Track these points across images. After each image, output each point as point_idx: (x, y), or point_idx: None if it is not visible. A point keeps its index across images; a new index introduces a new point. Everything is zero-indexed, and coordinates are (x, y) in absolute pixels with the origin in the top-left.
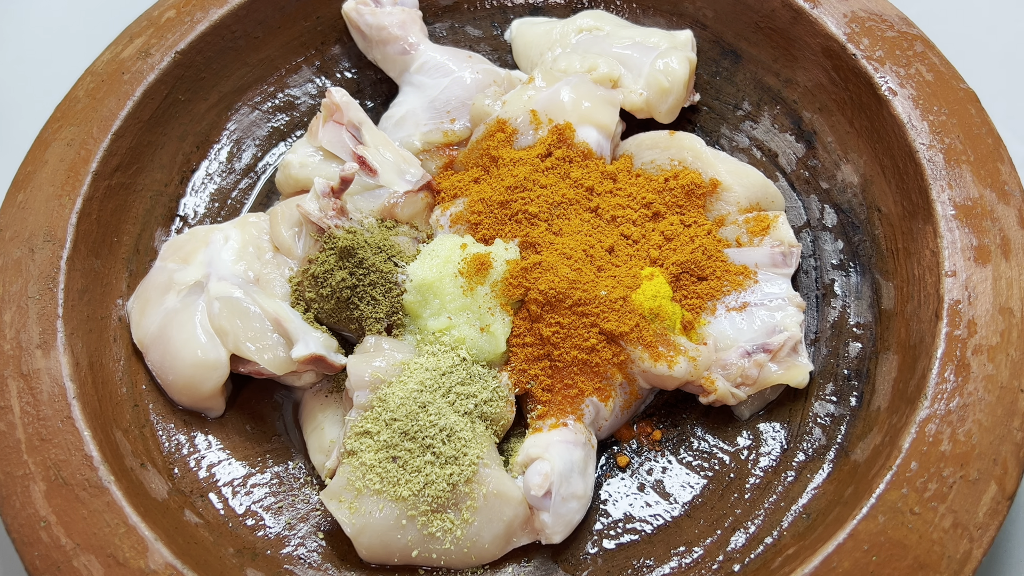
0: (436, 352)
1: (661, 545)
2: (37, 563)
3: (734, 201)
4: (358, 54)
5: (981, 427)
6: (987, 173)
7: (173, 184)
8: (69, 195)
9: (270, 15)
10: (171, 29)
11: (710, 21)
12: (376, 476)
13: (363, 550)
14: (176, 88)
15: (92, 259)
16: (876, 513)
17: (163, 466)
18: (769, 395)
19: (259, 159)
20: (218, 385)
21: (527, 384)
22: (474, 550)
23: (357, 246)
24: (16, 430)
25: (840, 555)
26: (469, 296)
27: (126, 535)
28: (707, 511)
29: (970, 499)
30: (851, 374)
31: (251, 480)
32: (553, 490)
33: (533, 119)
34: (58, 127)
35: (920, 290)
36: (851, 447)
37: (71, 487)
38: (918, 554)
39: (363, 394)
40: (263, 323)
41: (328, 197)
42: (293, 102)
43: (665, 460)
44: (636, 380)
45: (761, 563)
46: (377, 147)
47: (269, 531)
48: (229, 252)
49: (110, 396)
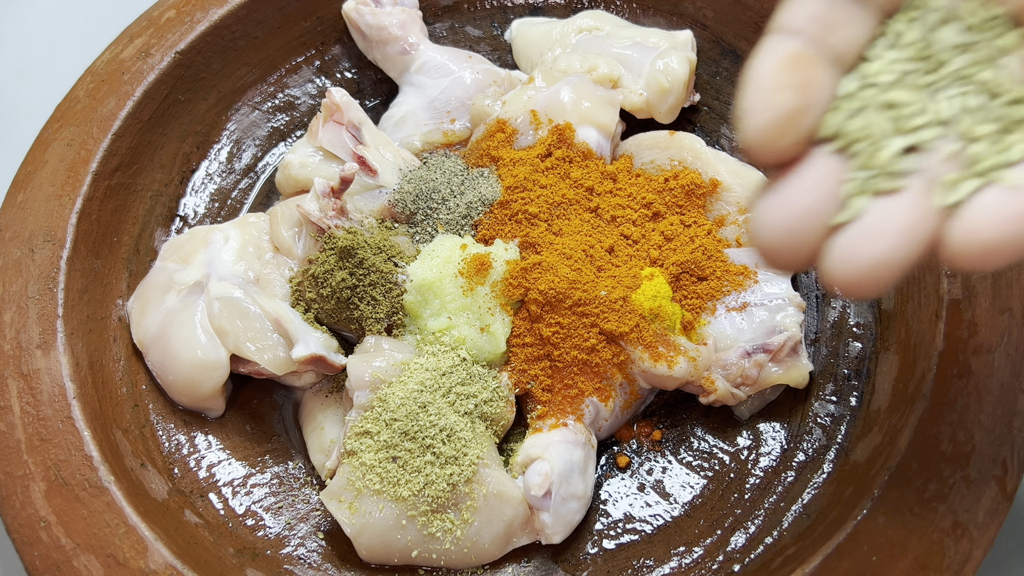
0: (436, 352)
1: (661, 545)
2: (37, 563)
3: (734, 201)
4: (358, 54)
5: (981, 427)
6: None
7: (173, 184)
8: (69, 195)
9: (270, 15)
10: (171, 29)
11: (710, 21)
12: (376, 476)
13: (363, 550)
14: (176, 88)
15: (92, 259)
16: (876, 513)
17: (163, 466)
18: (769, 395)
19: (259, 159)
20: (218, 385)
21: (527, 384)
22: (474, 550)
23: (357, 246)
24: (16, 430)
25: (840, 555)
26: (469, 296)
27: (126, 535)
28: (707, 511)
29: (970, 499)
30: (851, 374)
31: (251, 480)
32: (553, 490)
33: (533, 119)
34: (58, 127)
35: (920, 290)
36: (851, 447)
37: (71, 487)
38: (918, 554)
39: (363, 394)
40: (263, 323)
41: (328, 197)
42: (293, 102)
43: (665, 460)
44: (636, 380)
45: (761, 563)
46: (377, 147)
47: (269, 531)
48: (229, 252)
49: (110, 396)
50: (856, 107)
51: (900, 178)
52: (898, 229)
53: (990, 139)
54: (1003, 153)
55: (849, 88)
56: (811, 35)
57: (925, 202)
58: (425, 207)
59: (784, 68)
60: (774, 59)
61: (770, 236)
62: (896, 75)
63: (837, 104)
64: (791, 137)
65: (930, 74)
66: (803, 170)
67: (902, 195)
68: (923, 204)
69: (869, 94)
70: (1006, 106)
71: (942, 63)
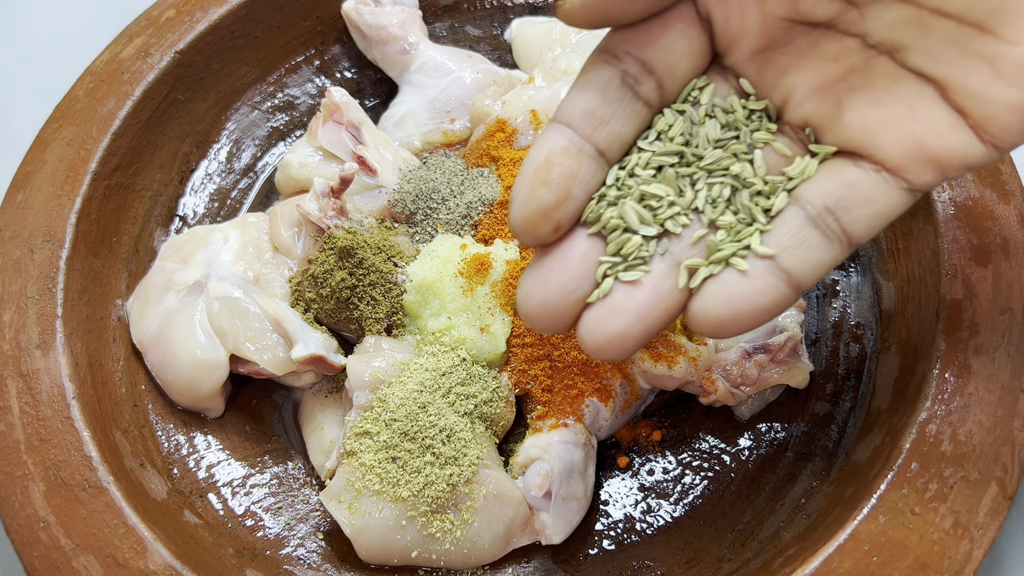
0: (436, 352)
1: (661, 546)
2: (36, 564)
3: None
4: (358, 54)
5: (982, 427)
6: (988, 173)
7: (172, 184)
8: (68, 195)
9: (270, 15)
10: (170, 29)
11: None
12: (376, 477)
13: (363, 551)
14: (175, 88)
15: (91, 259)
16: (877, 514)
17: (162, 466)
18: (769, 395)
19: (258, 159)
20: (218, 385)
21: (527, 384)
22: (474, 551)
23: (357, 246)
24: (15, 430)
25: (841, 556)
26: (469, 296)
27: (125, 536)
28: (707, 512)
29: (971, 499)
30: (851, 374)
31: (250, 481)
32: (553, 491)
33: (533, 119)
34: (57, 127)
35: (921, 290)
36: (851, 447)
37: (70, 487)
38: (919, 555)
39: (363, 394)
40: (263, 323)
41: (328, 197)
42: (293, 102)
43: (665, 461)
44: (636, 380)
45: (761, 563)
46: (377, 147)
47: (268, 532)
48: (228, 252)
49: (109, 396)
50: (615, 196)
51: (646, 263)
52: (637, 309)
53: (731, 228)
54: (739, 242)
55: (614, 178)
56: (582, 130)
57: (667, 284)
58: (425, 207)
59: (550, 163)
60: (544, 153)
61: (529, 308)
62: (654, 168)
63: (603, 191)
64: (550, 227)
65: (688, 166)
66: (562, 251)
67: (646, 278)
68: (664, 286)
69: (629, 183)
70: (750, 198)
71: (699, 156)
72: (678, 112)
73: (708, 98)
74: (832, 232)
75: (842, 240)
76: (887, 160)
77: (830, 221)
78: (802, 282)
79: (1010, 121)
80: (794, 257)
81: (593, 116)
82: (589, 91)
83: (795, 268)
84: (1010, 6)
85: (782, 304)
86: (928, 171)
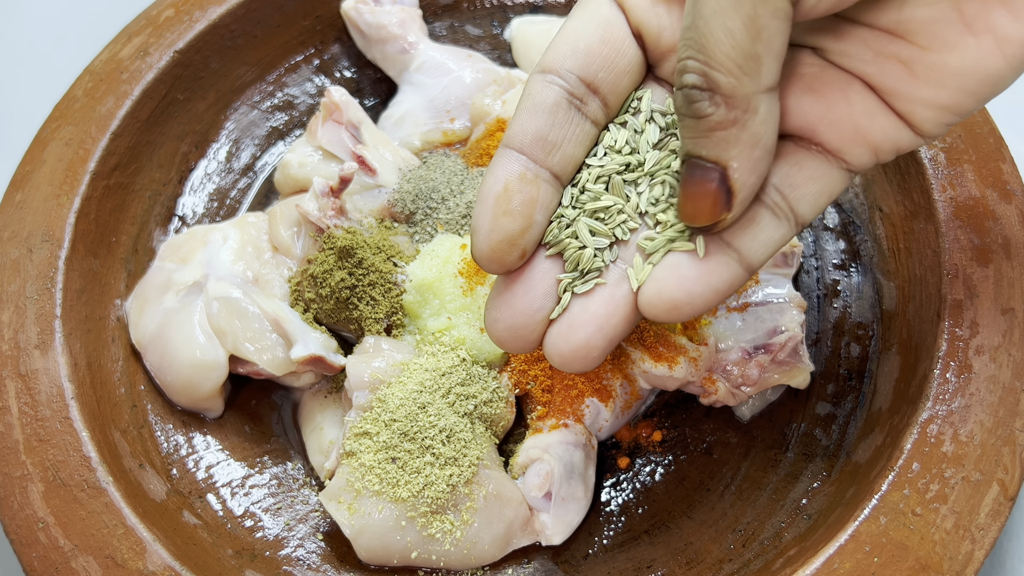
0: (436, 352)
1: (661, 546)
2: (35, 564)
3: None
4: (358, 53)
5: (983, 428)
6: (989, 173)
7: (171, 184)
8: (67, 195)
9: (269, 14)
10: (170, 28)
11: None
12: (375, 477)
13: (362, 551)
14: (174, 87)
15: (90, 259)
16: (878, 514)
17: (161, 467)
18: (770, 395)
19: (258, 158)
20: (217, 386)
21: (527, 385)
22: (474, 551)
23: (356, 246)
24: (14, 431)
25: (841, 556)
26: (469, 296)
27: (124, 536)
28: (707, 512)
29: (972, 500)
30: (852, 374)
31: (250, 481)
32: (553, 491)
33: None
34: (56, 126)
35: (922, 290)
36: (852, 447)
37: (69, 488)
38: (920, 555)
39: (362, 395)
40: (262, 323)
41: (327, 197)
42: (292, 101)
43: (666, 461)
44: (636, 381)
45: (762, 564)
46: (376, 146)
47: (268, 532)
48: (228, 252)
49: (108, 397)
50: (572, 216)
51: (600, 274)
52: (595, 319)
53: (668, 224)
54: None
55: (569, 197)
56: (535, 156)
57: (621, 290)
58: (425, 206)
59: (510, 192)
60: (501, 182)
61: (498, 332)
62: (604, 182)
63: (560, 211)
64: (516, 254)
65: (633, 172)
66: (524, 274)
67: (600, 289)
68: (619, 292)
69: (583, 199)
70: None
71: (642, 162)
72: (621, 125)
73: (647, 104)
74: (780, 210)
75: (790, 218)
76: (826, 142)
77: (778, 199)
78: (752, 261)
79: (929, 116)
80: (743, 236)
81: (545, 141)
82: (538, 116)
83: (745, 247)
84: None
85: (734, 284)
86: (865, 153)
